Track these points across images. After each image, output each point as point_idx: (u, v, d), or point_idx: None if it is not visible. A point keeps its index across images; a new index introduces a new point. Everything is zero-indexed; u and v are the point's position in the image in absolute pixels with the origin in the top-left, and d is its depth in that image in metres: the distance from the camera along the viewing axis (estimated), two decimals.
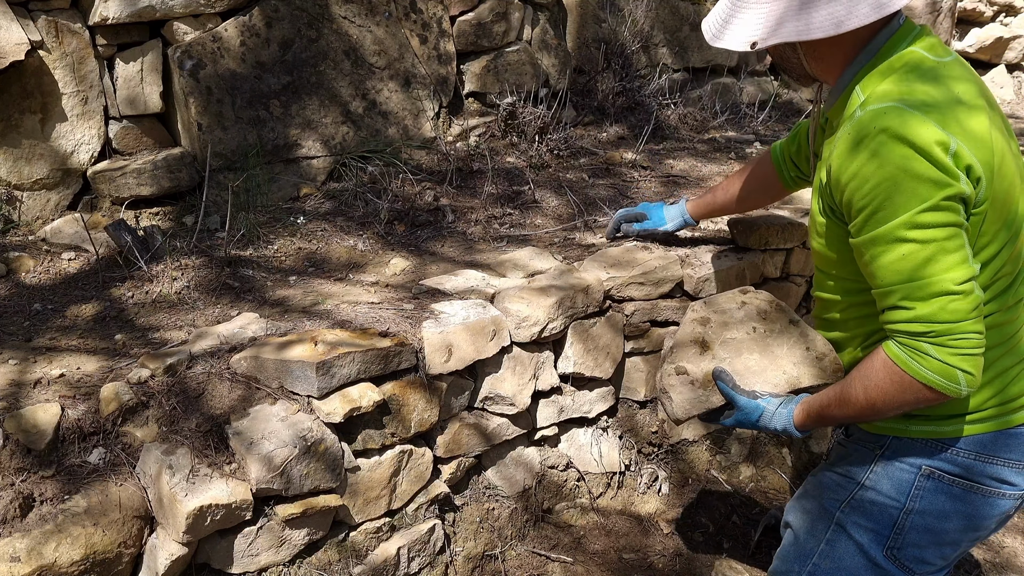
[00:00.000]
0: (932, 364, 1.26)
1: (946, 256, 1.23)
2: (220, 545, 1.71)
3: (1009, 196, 1.30)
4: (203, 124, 2.73)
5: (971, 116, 1.26)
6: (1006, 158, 1.30)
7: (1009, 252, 1.32)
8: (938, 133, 1.21)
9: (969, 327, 1.24)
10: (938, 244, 1.22)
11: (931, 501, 1.40)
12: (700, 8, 4.35)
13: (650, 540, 2.30)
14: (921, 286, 1.24)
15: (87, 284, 2.34)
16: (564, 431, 2.35)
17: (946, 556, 1.45)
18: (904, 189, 1.21)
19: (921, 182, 1.21)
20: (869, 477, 1.45)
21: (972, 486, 1.39)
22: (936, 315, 1.24)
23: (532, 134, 3.31)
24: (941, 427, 1.39)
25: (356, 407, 1.81)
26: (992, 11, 6.07)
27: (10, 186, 2.58)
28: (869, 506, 1.45)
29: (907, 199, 1.21)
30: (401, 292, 2.25)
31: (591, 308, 2.24)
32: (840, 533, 1.48)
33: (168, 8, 2.65)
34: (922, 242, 1.22)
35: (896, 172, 1.22)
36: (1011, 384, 1.38)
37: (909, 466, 1.41)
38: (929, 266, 1.23)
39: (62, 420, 1.70)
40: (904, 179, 1.21)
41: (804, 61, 1.42)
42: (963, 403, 1.37)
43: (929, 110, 1.24)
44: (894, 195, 1.22)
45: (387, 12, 3.08)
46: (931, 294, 1.24)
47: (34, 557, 1.51)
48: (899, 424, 1.42)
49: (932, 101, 1.25)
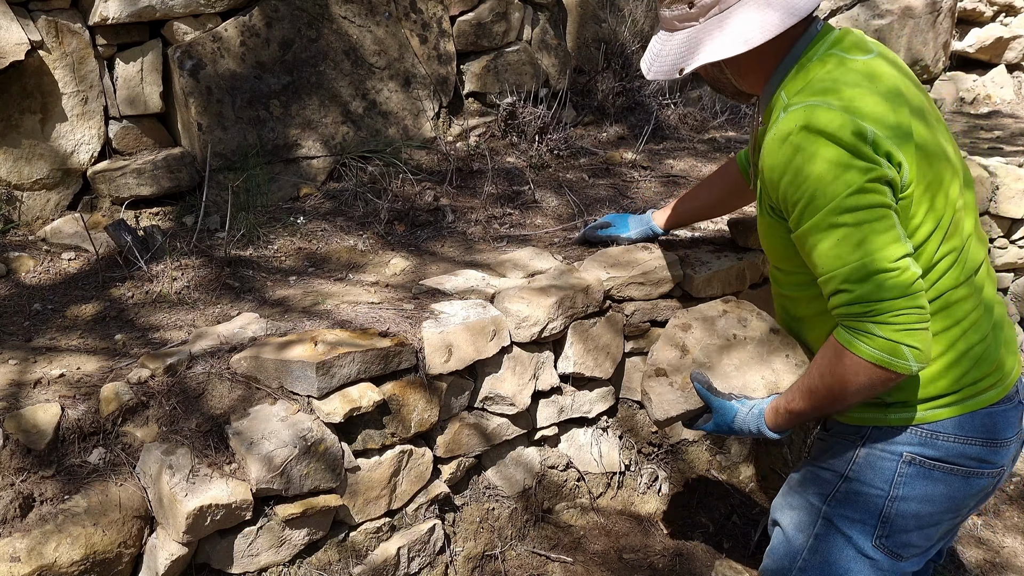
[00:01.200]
0: (877, 343, 1.30)
1: (878, 236, 1.28)
2: (220, 545, 1.71)
3: (939, 177, 1.35)
4: (203, 124, 2.73)
5: (887, 107, 1.33)
6: (929, 144, 1.35)
7: (945, 231, 1.36)
8: (854, 123, 1.28)
9: (909, 303, 1.28)
10: (869, 226, 1.28)
11: (914, 486, 1.42)
12: None
13: (650, 540, 2.30)
14: (857, 267, 1.29)
15: (87, 284, 2.34)
16: (564, 431, 2.35)
17: (930, 537, 1.48)
18: (830, 178, 1.28)
19: (845, 169, 1.27)
20: (852, 469, 1.47)
21: (953, 468, 1.41)
22: (874, 293, 1.28)
23: (532, 134, 3.31)
24: (918, 413, 1.41)
25: (356, 407, 1.81)
26: (992, 11, 6.07)
27: (10, 186, 2.58)
28: (854, 497, 1.47)
29: (835, 187, 1.28)
30: (401, 292, 2.25)
31: (591, 308, 2.24)
32: (828, 527, 1.50)
33: (168, 8, 2.65)
34: (853, 225, 1.28)
35: (821, 164, 1.29)
36: (980, 362, 1.41)
37: (890, 454, 1.43)
38: (863, 247, 1.28)
39: (62, 420, 1.70)
40: (829, 169, 1.28)
41: (732, 80, 1.51)
42: (935, 386, 1.39)
43: (844, 104, 1.31)
44: (822, 185, 1.29)
45: (387, 12, 3.08)
46: (868, 274, 1.28)
47: (34, 557, 1.51)
48: (877, 413, 1.44)
49: (848, 96, 1.32)
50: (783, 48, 1.43)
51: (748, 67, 1.47)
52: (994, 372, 1.43)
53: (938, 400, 1.41)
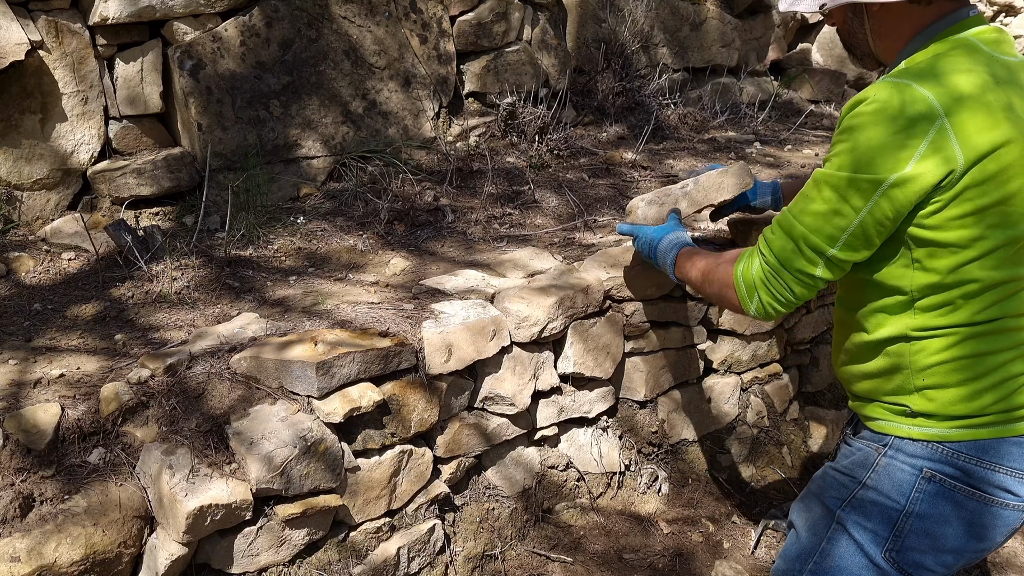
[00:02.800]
0: (748, 273, 1.46)
1: (827, 225, 1.32)
2: (220, 545, 1.71)
3: (1010, 202, 1.29)
4: (203, 124, 2.73)
5: (984, 112, 1.26)
6: (1015, 167, 1.29)
7: (1007, 254, 1.32)
8: (930, 107, 1.24)
9: (790, 279, 1.40)
10: (840, 217, 1.31)
11: (931, 504, 1.39)
12: (700, 8, 4.35)
13: (650, 540, 2.30)
14: (803, 236, 1.36)
15: (87, 284, 2.34)
16: (564, 431, 2.35)
17: (947, 565, 1.43)
18: (869, 149, 1.27)
19: (878, 151, 1.26)
20: (871, 476, 1.45)
21: (973, 492, 1.37)
22: (778, 251, 1.40)
23: (532, 134, 3.31)
24: (943, 429, 1.38)
25: (356, 407, 1.81)
26: (992, 11, 6.07)
27: (10, 186, 2.58)
28: (869, 506, 1.45)
29: (856, 161, 1.28)
30: (401, 292, 2.25)
31: (591, 308, 2.24)
32: (841, 532, 1.48)
33: (168, 8, 2.65)
34: (834, 202, 1.31)
35: (862, 133, 1.28)
36: (1017, 392, 1.37)
37: (910, 467, 1.40)
38: (821, 226, 1.33)
39: (62, 420, 1.70)
40: (870, 146, 1.27)
41: (870, 38, 1.45)
42: (965, 405, 1.36)
43: (934, 86, 1.25)
44: (859, 148, 1.28)
45: (387, 12, 3.08)
46: (805, 246, 1.36)
47: (34, 557, 1.51)
48: (902, 424, 1.42)
49: (945, 81, 1.26)
50: (928, 18, 1.36)
51: (889, 27, 1.40)
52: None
53: (964, 420, 1.37)
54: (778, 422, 2.73)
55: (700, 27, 4.37)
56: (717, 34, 4.45)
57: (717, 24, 4.44)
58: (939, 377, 1.36)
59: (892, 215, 1.28)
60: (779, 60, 5.00)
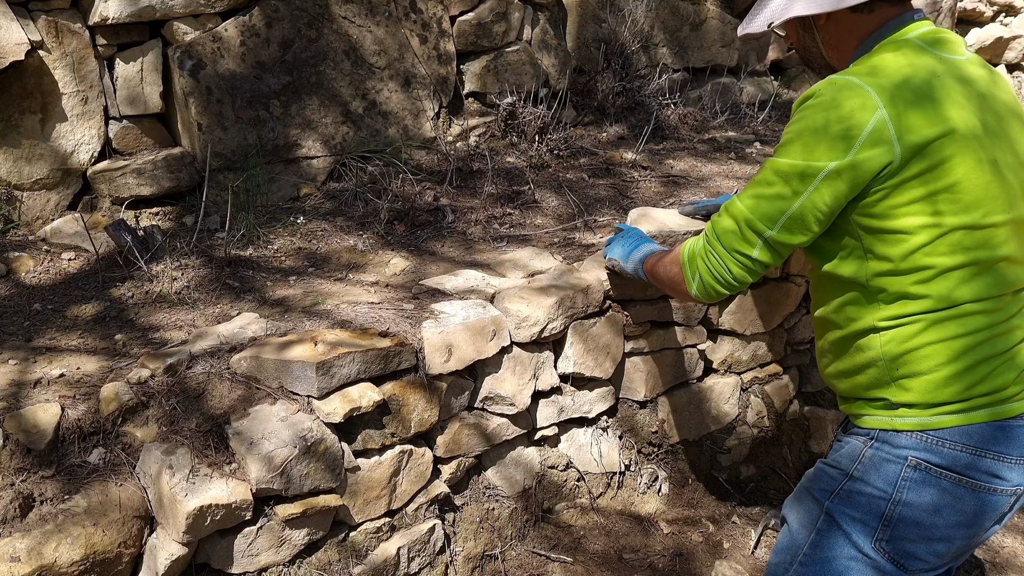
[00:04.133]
0: (692, 252, 1.56)
1: (768, 207, 1.41)
2: (220, 545, 1.71)
3: (955, 189, 1.34)
4: (203, 124, 2.73)
5: (924, 104, 1.34)
6: (971, 148, 1.35)
7: (961, 239, 1.35)
8: (870, 100, 1.32)
9: (729, 260, 1.49)
10: (782, 200, 1.39)
11: (919, 493, 1.40)
12: (700, 8, 4.35)
13: (650, 540, 2.30)
14: (748, 219, 1.44)
15: (87, 284, 2.34)
16: (564, 431, 2.35)
17: (939, 553, 1.44)
18: (805, 138, 1.36)
19: (820, 141, 1.34)
20: (857, 468, 1.47)
21: (961, 479, 1.39)
22: (720, 232, 1.49)
23: (532, 134, 3.31)
24: (924, 418, 1.40)
25: (356, 407, 1.81)
26: (992, 11, 6.07)
27: (10, 186, 2.58)
28: (857, 497, 1.46)
29: (801, 149, 1.36)
30: (401, 292, 2.25)
31: (591, 308, 2.24)
32: (830, 523, 1.49)
33: (168, 8, 2.65)
34: (775, 188, 1.40)
35: (808, 124, 1.36)
36: (993, 375, 1.39)
37: (896, 457, 1.42)
38: (762, 209, 1.42)
39: (62, 420, 1.70)
40: (815, 134, 1.35)
41: (822, 50, 1.54)
42: (943, 391, 1.38)
43: (874, 82, 1.34)
44: (795, 138, 1.38)
45: (387, 12, 3.08)
46: (746, 227, 1.44)
47: (34, 557, 1.51)
48: (884, 416, 1.44)
49: (890, 79, 1.35)
50: (872, 25, 1.45)
51: (838, 37, 1.50)
52: (1013, 385, 1.40)
53: (945, 407, 1.39)
54: (778, 422, 2.73)
55: (700, 27, 4.37)
56: (717, 34, 4.45)
57: (717, 24, 4.44)
58: (912, 366, 1.38)
59: (830, 201, 1.36)
60: (779, 60, 5.00)
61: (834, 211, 1.38)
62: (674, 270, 1.66)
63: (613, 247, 2.12)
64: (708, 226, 1.54)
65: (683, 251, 1.61)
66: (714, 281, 1.53)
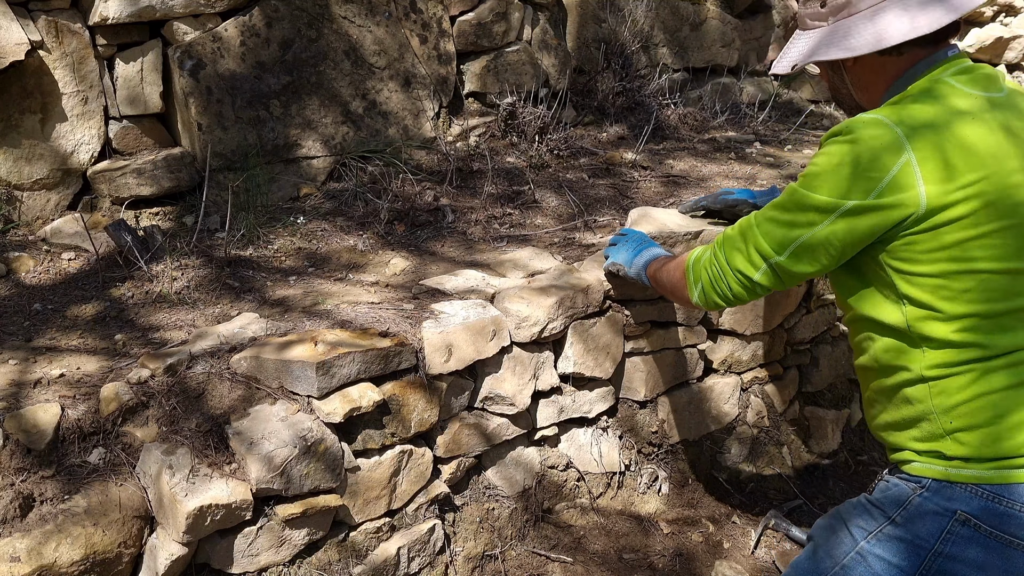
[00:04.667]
0: (698, 261, 1.58)
1: (780, 233, 1.40)
2: (220, 545, 1.71)
3: (1006, 227, 1.28)
4: (203, 124, 2.73)
5: (954, 149, 1.27)
6: (1008, 190, 1.27)
7: (1006, 284, 1.29)
8: (897, 142, 1.27)
9: (730, 277, 1.49)
10: (796, 230, 1.38)
11: (963, 548, 1.33)
12: (700, 8, 4.35)
13: (650, 540, 2.30)
14: (751, 229, 1.45)
15: (87, 284, 2.34)
16: (564, 431, 2.35)
17: None
18: (825, 173, 1.34)
19: (841, 178, 1.31)
20: (901, 514, 1.40)
21: (1011, 540, 1.31)
22: (728, 249, 1.50)
23: (532, 134, 3.31)
24: (980, 471, 1.33)
25: (356, 407, 1.81)
26: (992, 11, 6.06)
27: (10, 186, 2.58)
28: (897, 543, 1.40)
29: (818, 183, 1.35)
30: (401, 292, 2.25)
31: (591, 308, 2.24)
32: (859, 562, 1.43)
33: (168, 8, 2.65)
34: (787, 217, 1.39)
35: (832, 159, 1.33)
36: None
37: (944, 510, 1.35)
38: (773, 235, 1.41)
39: (62, 420, 1.70)
40: (838, 170, 1.32)
41: (852, 91, 1.51)
42: (1001, 445, 1.31)
43: (902, 123, 1.29)
44: (816, 171, 1.36)
45: (387, 12, 3.08)
46: (748, 236, 1.45)
47: (34, 557, 1.51)
48: (937, 465, 1.37)
49: (918, 121, 1.30)
50: (902, 66, 1.41)
51: (868, 80, 1.46)
52: None
53: (1002, 461, 1.31)
54: (778, 422, 2.73)
55: (700, 27, 4.37)
56: (717, 34, 4.45)
57: (717, 24, 4.44)
58: (967, 418, 1.31)
59: (844, 237, 1.33)
60: None
61: (848, 248, 1.34)
62: (677, 275, 1.67)
63: (616, 251, 2.12)
64: (719, 237, 1.54)
65: (689, 257, 1.62)
66: (714, 292, 1.54)
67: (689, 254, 1.63)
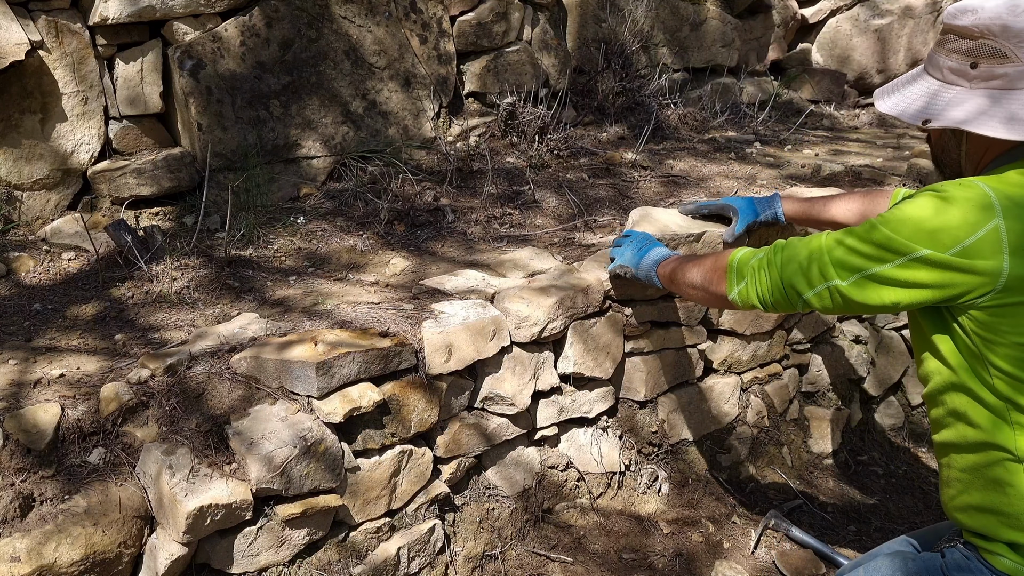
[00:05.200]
0: (745, 260, 1.55)
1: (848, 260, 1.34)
2: (220, 545, 1.71)
3: None
4: (203, 124, 2.73)
5: None
6: None
7: None
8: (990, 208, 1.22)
9: (777, 285, 1.46)
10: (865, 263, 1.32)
11: None
12: (700, 8, 4.35)
13: (650, 540, 2.30)
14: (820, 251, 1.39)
15: (87, 284, 2.34)
16: (564, 431, 2.35)
17: None
18: (910, 222, 1.26)
19: (923, 232, 1.24)
20: None
21: None
22: (788, 259, 1.45)
23: (532, 134, 3.31)
24: None
25: (356, 407, 1.81)
26: None
27: (10, 186, 2.58)
28: None
29: (901, 228, 1.27)
30: (401, 292, 2.25)
31: (591, 308, 2.24)
32: None
33: (168, 8, 2.65)
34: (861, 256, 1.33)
35: (921, 207, 1.26)
36: None
37: None
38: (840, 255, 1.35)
39: (62, 420, 1.70)
40: (924, 219, 1.25)
41: (962, 159, 1.43)
42: None
43: (997, 190, 1.24)
44: (900, 219, 1.28)
45: (387, 12, 3.08)
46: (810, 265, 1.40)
47: (34, 557, 1.51)
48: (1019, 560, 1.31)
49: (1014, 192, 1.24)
50: (1010, 145, 1.34)
51: (982, 152, 1.39)
52: None
53: None
54: (778, 422, 2.73)
55: (700, 27, 4.37)
56: (717, 34, 4.45)
57: (717, 24, 4.44)
58: None
59: (911, 284, 1.27)
60: (779, 60, 5.00)
61: (915, 297, 1.28)
62: (709, 270, 1.64)
63: (621, 252, 2.10)
64: (776, 243, 1.50)
65: (735, 256, 1.59)
66: (755, 296, 1.51)
67: (731, 253, 1.60)
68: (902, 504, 2.60)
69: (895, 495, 2.64)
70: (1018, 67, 1.29)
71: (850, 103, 5.00)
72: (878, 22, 5.14)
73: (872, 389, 2.97)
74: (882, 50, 5.17)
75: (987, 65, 1.31)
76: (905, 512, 2.57)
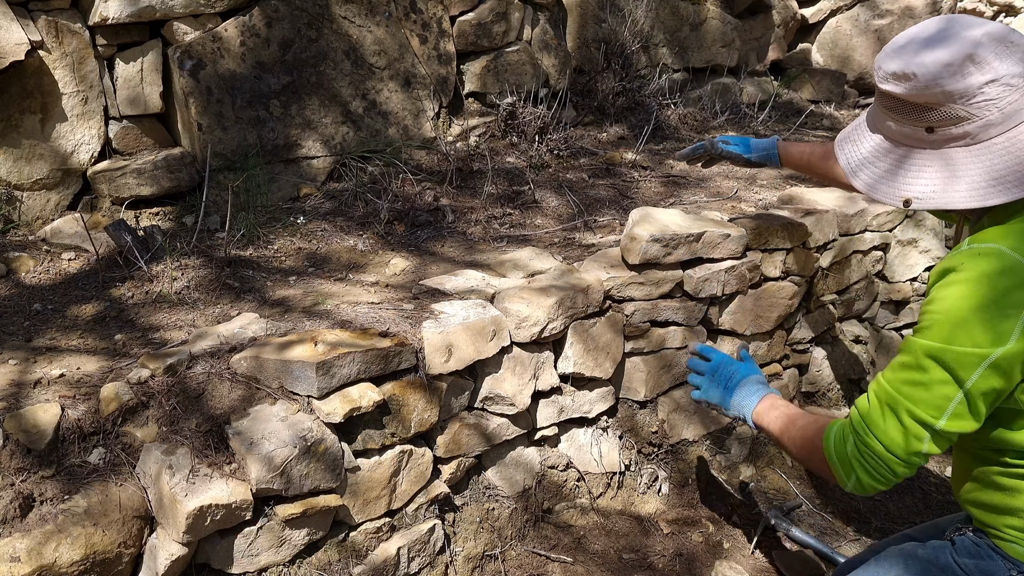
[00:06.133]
0: (842, 450, 1.32)
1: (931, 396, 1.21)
2: (220, 545, 1.71)
3: None
4: (203, 124, 2.73)
5: None
6: None
7: None
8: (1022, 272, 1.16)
9: (891, 460, 1.26)
10: (938, 387, 1.20)
11: None
12: (700, 8, 4.35)
13: (650, 540, 2.30)
14: (894, 399, 1.25)
15: (87, 284, 2.34)
16: (564, 431, 2.35)
17: None
18: (960, 319, 1.18)
19: (978, 322, 1.16)
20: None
21: None
22: (876, 429, 1.27)
23: (532, 134, 3.31)
24: None
25: (356, 407, 1.81)
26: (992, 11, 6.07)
27: (10, 186, 2.58)
28: None
29: (957, 333, 1.18)
30: (401, 292, 2.25)
31: (591, 308, 2.24)
32: None
33: (168, 8, 2.65)
34: (927, 374, 1.21)
35: (968, 306, 1.18)
36: None
37: None
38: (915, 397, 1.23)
39: (62, 420, 1.70)
40: (969, 316, 1.17)
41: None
42: None
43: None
44: (949, 319, 1.19)
45: (387, 12, 3.08)
46: (894, 411, 1.25)
47: (34, 557, 1.51)
48: None
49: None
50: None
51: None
52: None
53: None
54: None
55: (700, 27, 4.37)
56: (717, 34, 4.45)
57: (717, 24, 4.44)
58: None
59: (1000, 386, 1.19)
60: (779, 60, 5.00)
61: (1005, 393, 1.21)
62: (820, 465, 1.41)
63: (705, 389, 1.73)
64: (857, 420, 1.31)
65: (830, 450, 1.36)
66: (874, 481, 1.31)
67: (825, 434, 1.38)
68: (902, 504, 2.60)
69: (895, 495, 2.64)
70: (975, 122, 1.20)
71: (850, 103, 5.00)
72: (878, 22, 5.14)
73: None
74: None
75: (944, 128, 1.22)
76: (905, 512, 2.57)
